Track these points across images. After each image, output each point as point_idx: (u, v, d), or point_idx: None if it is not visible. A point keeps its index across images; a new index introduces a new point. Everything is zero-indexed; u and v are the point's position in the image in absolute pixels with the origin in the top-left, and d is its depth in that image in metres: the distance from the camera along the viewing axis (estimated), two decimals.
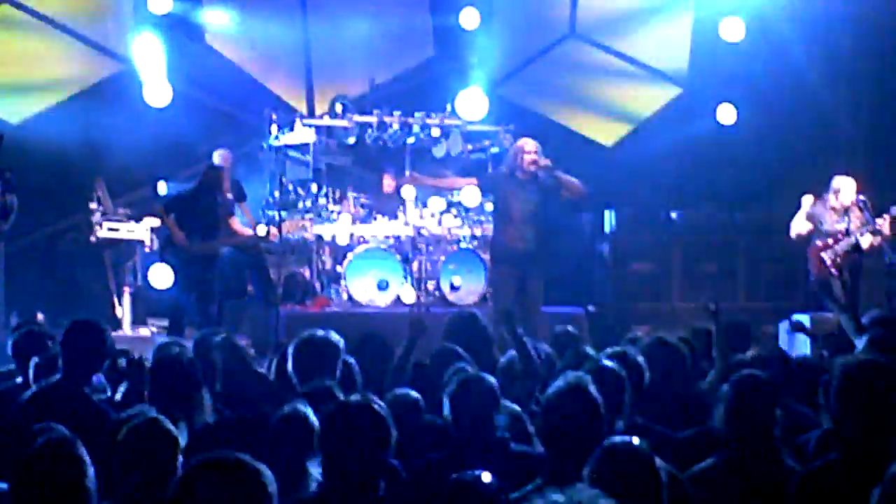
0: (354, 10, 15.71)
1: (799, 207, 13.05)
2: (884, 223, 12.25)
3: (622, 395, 5.80)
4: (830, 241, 12.47)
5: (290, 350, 6.79)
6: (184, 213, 12.70)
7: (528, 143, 11.96)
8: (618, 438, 4.57)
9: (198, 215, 12.70)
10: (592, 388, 5.18)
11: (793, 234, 12.74)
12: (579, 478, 4.38)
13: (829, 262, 12.44)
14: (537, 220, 11.74)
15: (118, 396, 6.95)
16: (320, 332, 6.82)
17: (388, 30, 15.83)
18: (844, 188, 12.47)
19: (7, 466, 4.63)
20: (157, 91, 14.57)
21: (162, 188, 14.29)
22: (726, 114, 16.01)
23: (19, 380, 7.57)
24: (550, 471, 5.01)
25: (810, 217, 12.61)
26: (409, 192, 14.20)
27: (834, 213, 12.51)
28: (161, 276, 12.72)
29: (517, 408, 6.42)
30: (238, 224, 13.40)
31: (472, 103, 14.59)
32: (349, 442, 4.74)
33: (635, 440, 4.52)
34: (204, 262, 12.67)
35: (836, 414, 5.05)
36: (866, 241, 12.30)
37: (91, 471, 4.51)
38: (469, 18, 15.74)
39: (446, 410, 5.68)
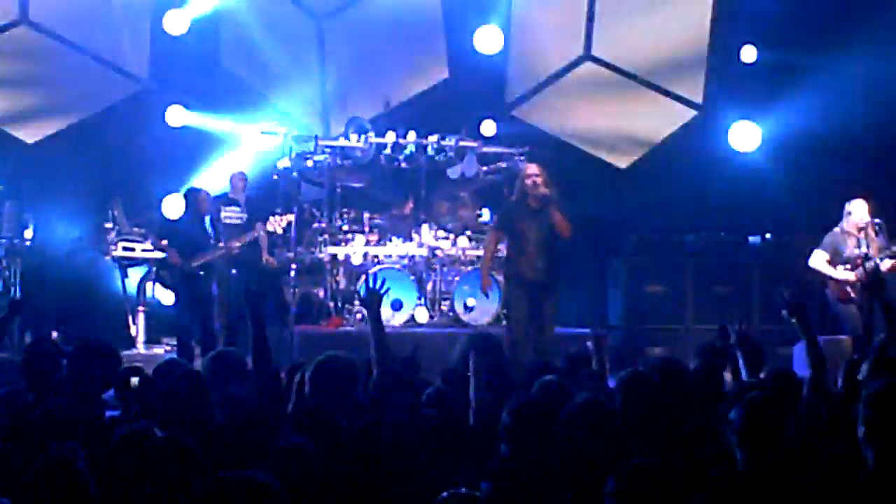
0: (369, 31, 15.77)
1: (814, 230, 13.06)
2: None
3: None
4: (850, 266, 12.39)
5: (308, 371, 6.78)
6: (177, 238, 12.79)
7: (532, 168, 11.86)
8: (641, 459, 4.58)
9: (190, 238, 12.78)
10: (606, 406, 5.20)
11: (812, 265, 12.63)
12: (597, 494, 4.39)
13: (849, 289, 12.34)
14: (549, 249, 11.59)
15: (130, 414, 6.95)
16: (340, 354, 6.80)
17: (403, 52, 15.89)
18: (856, 210, 12.39)
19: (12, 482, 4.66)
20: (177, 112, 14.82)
21: (167, 207, 14.37)
22: (745, 137, 16.02)
23: (30, 398, 7.56)
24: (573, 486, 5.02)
25: (828, 246, 12.50)
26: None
27: (851, 237, 12.42)
28: (164, 295, 12.92)
29: None
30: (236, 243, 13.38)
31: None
32: None
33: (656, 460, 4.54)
34: (200, 280, 12.74)
35: (861, 438, 5.05)
36: (886, 265, 12.22)
37: (90, 485, 4.53)
38: (484, 41, 15.81)
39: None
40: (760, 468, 5.39)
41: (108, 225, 13.98)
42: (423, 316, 13.83)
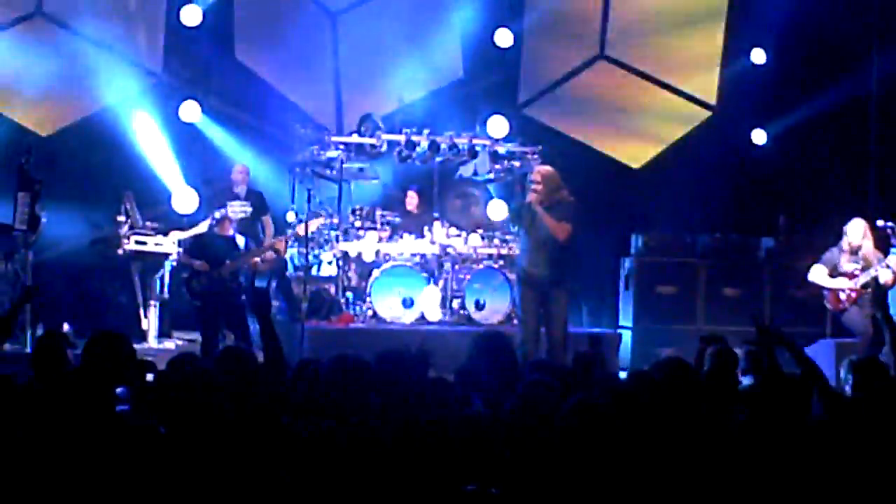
0: (384, 28, 15.77)
1: (825, 232, 13.16)
2: (893, 260, 12.41)
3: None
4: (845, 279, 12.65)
5: (322, 369, 6.78)
6: (204, 252, 12.81)
7: (534, 173, 11.79)
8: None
9: (218, 252, 12.78)
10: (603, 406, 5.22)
11: (811, 279, 12.87)
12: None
13: (843, 297, 12.60)
14: (552, 246, 11.49)
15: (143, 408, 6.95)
16: (351, 353, 6.80)
17: (418, 48, 15.88)
18: (852, 230, 12.70)
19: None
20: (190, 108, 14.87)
21: (177, 201, 14.42)
22: (757, 137, 16.05)
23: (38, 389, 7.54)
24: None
25: (826, 262, 12.78)
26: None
27: (847, 254, 12.67)
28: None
29: None
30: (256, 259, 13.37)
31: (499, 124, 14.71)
32: None
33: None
34: (227, 281, 12.72)
35: None
36: (884, 275, 12.41)
37: None
38: (500, 39, 15.82)
39: None
40: (769, 469, 5.41)
41: (121, 218, 13.99)
42: (434, 314, 13.82)
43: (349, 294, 14.17)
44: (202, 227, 13.46)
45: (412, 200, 15.01)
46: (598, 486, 5.06)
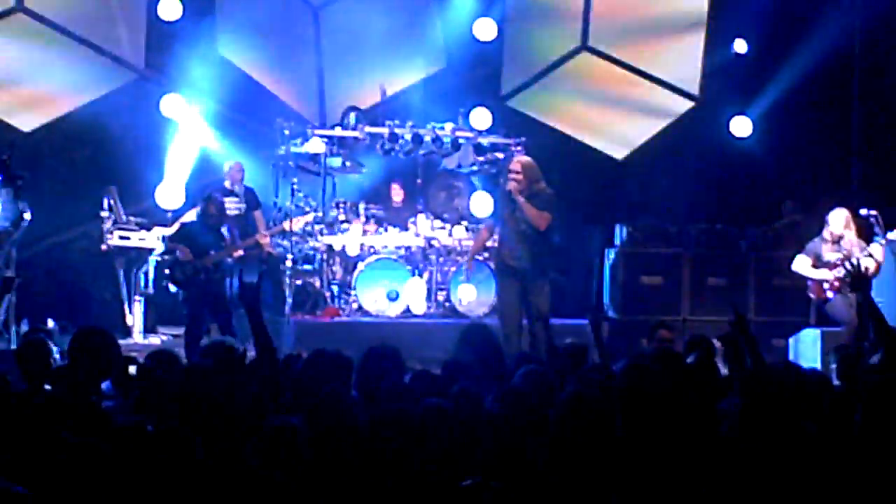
0: (366, 21, 15.74)
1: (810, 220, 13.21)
2: (875, 249, 12.47)
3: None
4: (829, 269, 12.71)
5: (301, 364, 6.78)
6: (188, 241, 12.78)
7: (513, 163, 11.78)
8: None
9: (202, 241, 12.76)
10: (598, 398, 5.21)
11: (794, 268, 12.92)
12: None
13: (827, 287, 12.65)
14: (533, 238, 11.47)
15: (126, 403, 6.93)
16: (332, 349, 6.81)
17: (400, 41, 15.86)
18: (834, 220, 12.72)
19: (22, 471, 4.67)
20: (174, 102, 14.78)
21: (161, 196, 14.39)
22: (740, 127, 16.05)
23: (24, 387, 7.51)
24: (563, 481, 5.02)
25: (809, 252, 12.81)
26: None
27: (830, 244, 12.72)
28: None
29: None
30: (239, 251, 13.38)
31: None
32: None
33: None
34: (211, 271, 12.70)
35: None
36: (866, 263, 12.45)
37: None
38: (482, 30, 15.80)
39: None
40: (763, 458, 5.39)
41: (104, 214, 13.97)
42: (419, 307, 13.82)
43: (334, 287, 14.16)
44: (190, 216, 13.46)
45: (397, 193, 15.00)
46: (594, 477, 5.05)
